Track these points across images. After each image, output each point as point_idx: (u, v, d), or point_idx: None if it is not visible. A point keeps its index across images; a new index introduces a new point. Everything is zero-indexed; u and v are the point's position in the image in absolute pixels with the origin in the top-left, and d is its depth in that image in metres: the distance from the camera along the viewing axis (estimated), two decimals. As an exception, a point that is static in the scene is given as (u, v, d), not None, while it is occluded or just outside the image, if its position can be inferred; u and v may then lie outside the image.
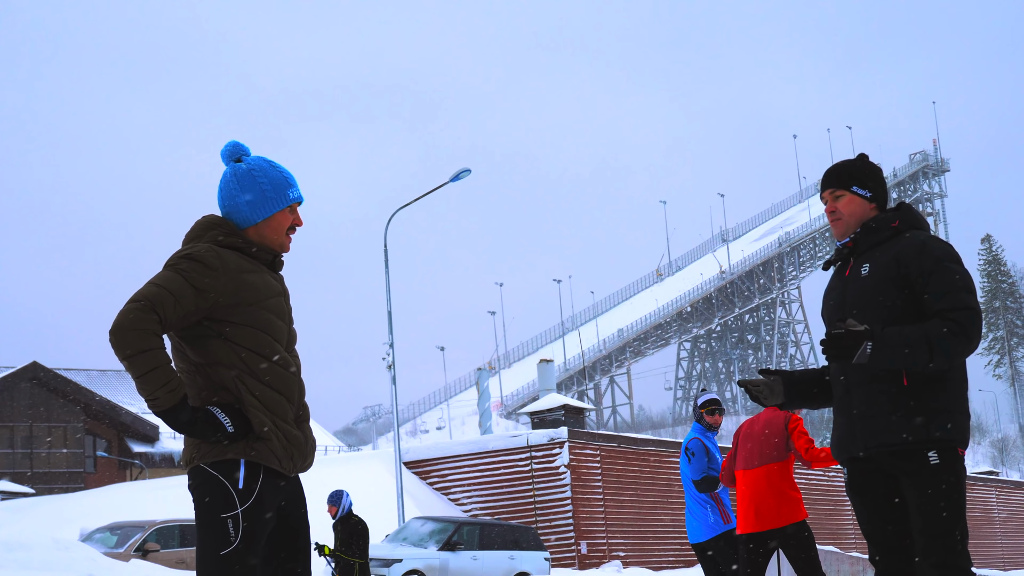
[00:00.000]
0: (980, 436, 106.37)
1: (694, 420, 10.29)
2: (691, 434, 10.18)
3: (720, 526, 9.84)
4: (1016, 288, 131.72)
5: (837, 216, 5.46)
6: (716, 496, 9.94)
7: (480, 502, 36.37)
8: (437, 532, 26.22)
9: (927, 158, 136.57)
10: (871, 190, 5.46)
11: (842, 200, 5.46)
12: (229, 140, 4.84)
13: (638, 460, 37.89)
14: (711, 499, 9.91)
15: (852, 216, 5.44)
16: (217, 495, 4.46)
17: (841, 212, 5.45)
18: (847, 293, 5.34)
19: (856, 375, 5.24)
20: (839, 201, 5.46)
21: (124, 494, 38.13)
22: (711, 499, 9.91)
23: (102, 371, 67.78)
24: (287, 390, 4.61)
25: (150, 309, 4.27)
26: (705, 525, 9.86)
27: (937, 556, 5.06)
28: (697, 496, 9.94)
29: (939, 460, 5.07)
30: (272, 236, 4.74)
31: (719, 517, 9.86)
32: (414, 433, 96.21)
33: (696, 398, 10.34)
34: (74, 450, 60.36)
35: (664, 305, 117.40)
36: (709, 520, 9.84)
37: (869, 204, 5.45)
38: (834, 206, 5.48)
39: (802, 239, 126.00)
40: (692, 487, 10.00)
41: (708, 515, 9.86)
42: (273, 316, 4.61)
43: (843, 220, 5.44)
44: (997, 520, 55.51)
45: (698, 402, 10.27)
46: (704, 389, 10.69)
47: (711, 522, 9.84)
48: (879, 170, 5.56)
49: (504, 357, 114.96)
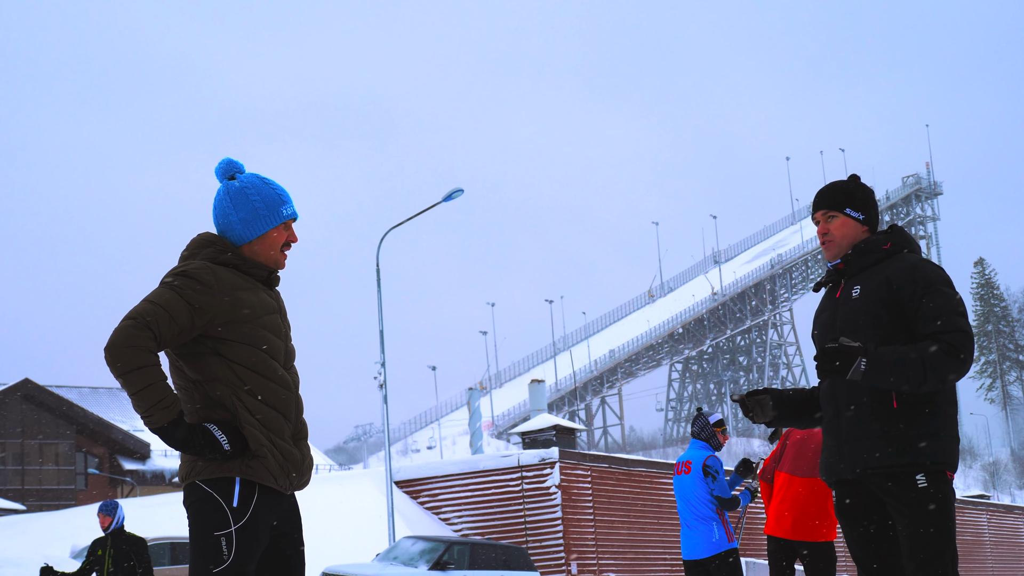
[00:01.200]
0: (971, 459, 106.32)
1: (701, 439, 10.26)
2: (702, 452, 10.16)
3: (724, 543, 9.85)
4: (1009, 312, 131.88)
5: (829, 238, 5.46)
6: (721, 513, 9.96)
7: (471, 522, 36.32)
8: (428, 551, 26.17)
9: (920, 181, 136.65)
10: (864, 212, 5.45)
11: (835, 222, 5.45)
12: (223, 158, 4.85)
13: (628, 481, 37.87)
14: (717, 516, 9.92)
15: (844, 238, 5.44)
16: (211, 512, 4.47)
17: (833, 234, 5.45)
18: (838, 315, 5.34)
19: (846, 397, 5.25)
20: (832, 223, 5.46)
21: (115, 511, 37.98)
22: (717, 516, 9.92)
23: (94, 388, 67.69)
24: (283, 407, 4.62)
25: (145, 326, 4.29)
26: (709, 542, 9.85)
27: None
28: (701, 513, 9.93)
29: (927, 483, 5.07)
30: (266, 253, 4.75)
31: (724, 535, 9.88)
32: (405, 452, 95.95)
33: (706, 416, 10.31)
34: (65, 467, 60.26)
35: (656, 326, 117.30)
36: (714, 537, 9.84)
37: (862, 227, 5.45)
38: (826, 227, 5.47)
39: (794, 261, 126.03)
40: (701, 504, 9.98)
41: (713, 532, 9.85)
42: (269, 333, 4.62)
43: (835, 242, 5.44)
44: (988, 544, 55.49)
45: (711, 420, 10.27)
46: (700, 409, 10.67)
47: (715, 539, 9.84)
48: (871, 192, 5.55)
49: (495, 377, 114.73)
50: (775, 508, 9.85)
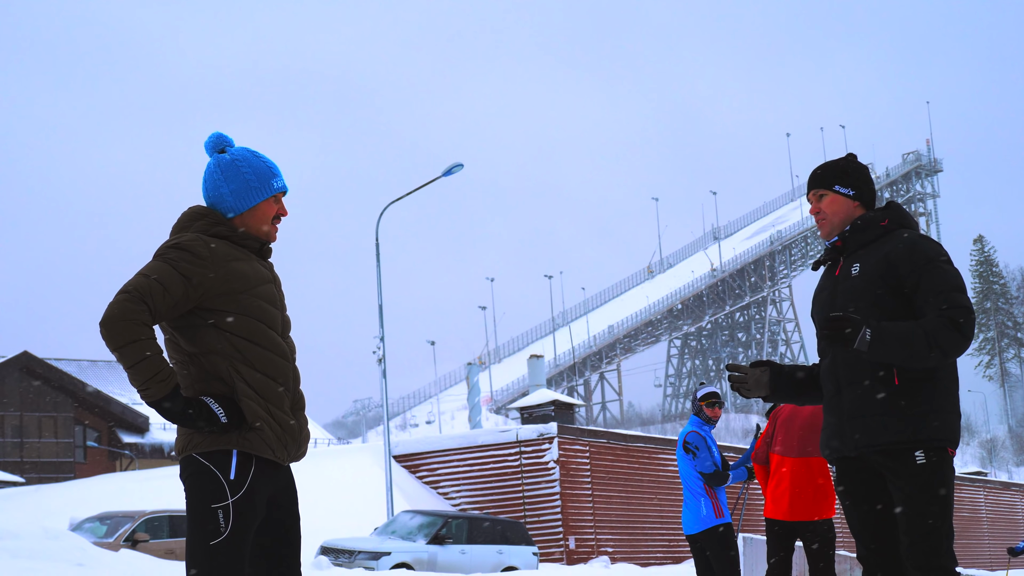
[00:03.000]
0: (969, 437, 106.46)
1: (692, 413, 10.27)
2: (688, 427, 10.16)
3: (711, 520, 9.85)
4: (1007, 289, 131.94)
5: (822, 216, 5.49)
6: (711, 490, 9.95)
7: (469, 496, 36.37)
8: (426, 526, 26.22)
9: (920, 158, 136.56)
10: (853, 188, 5.46)
11: (825, 200, 5.48)
12: (212, 132, 4.86)
13: (627, 456, 37.91)
14: (706, 492, 9.92)
15: (836, 215, 5.46)
16: (208, 485, 4.47)
17: (825, 212, 5.47)
18: (837, 292, 5.35)
19: (848, 374, 5.25)
20: (822, 201, 5.49)
21: (114, 484, 38.11)
22: (706, 492, 9.92)
23: (93, 361, 67.74)
24: (281, 376, 4.61)
25: (139, 300, 4.29)
26: (697, 518, 9.87)
27: (921, 556, 5.07)
28: (693, 488, 9.95)
29: (926, 460, 5.08)
30: (257, 225, 4.74)
31: (712, 511, 9.87)
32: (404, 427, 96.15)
33: (695, 391, 10.33)
34: (64, 440, 60.35)
35: (655, 302, 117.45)
36: (701, 513, 9.84)
37: (853, 203, 5.46)
38: (818, 206, 5.51)
39: (794, 238, 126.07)
40: (690, 480, 10.00)
41: (701, 508, 9.86)
42: (264, 303, 4.61)
43: (827, 220, 5.47)
44: (985, 521, 55.59)
45: (697, 395, 10.26)
46: (703, 383, 10.68)
47: (703, 515, 9.84)
48: (864, 169, 5.57)
49: (494, 352, 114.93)
50: (771, 491, 9.86)
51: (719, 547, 9.83)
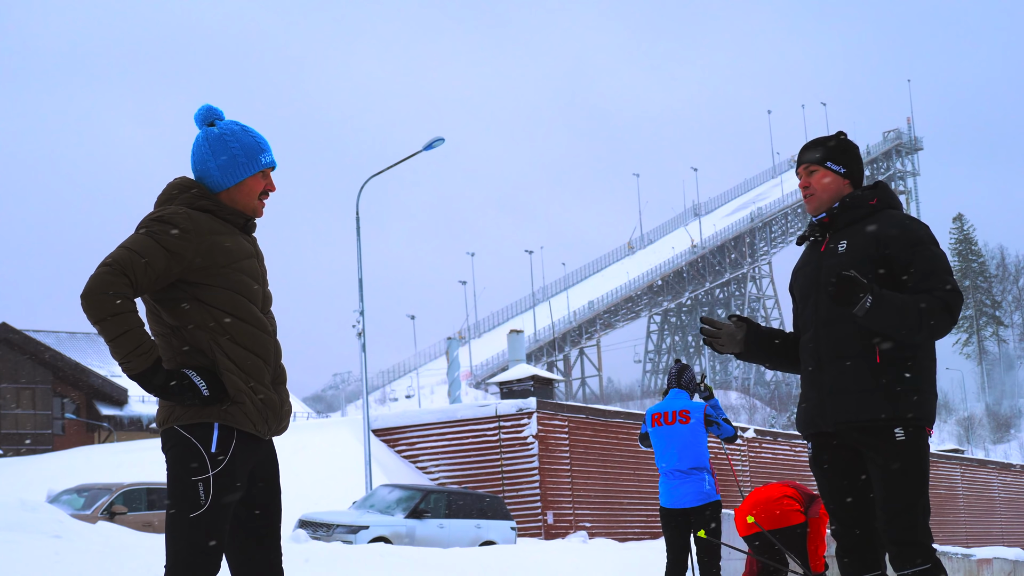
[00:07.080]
0: (946, 414, 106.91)
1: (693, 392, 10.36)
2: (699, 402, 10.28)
3: (713, 494, 10.01)
4: (986, 268, 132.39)
5: (811, 191, 5.49)
6: (712, 467, 10.11)
7: (448, 471, 36.43)
8: (404, 500, 26.26)
9: (900, 136, 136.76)
10: (845, 166, 5.48)
11: (815, 175, 5.48)
12: (203, 104, 4.81)
13: (606, 432, 38.00)
14: (709, 466, 10.06)
15: (825, 192, 5.46)
16: (189, 458, 4.47)
17: (814, 187, 5.48)
18: (822, 268, 5.37)
19: (829, 350, 5.28)
20: (812, 176, 5.49)
21: (92, 456, 38.10)
22: (709, 466, 10.06)
23: (71, 333, 67.49)
24: (263, 351, 4.61)
25: (120, 272, 4.27)
26: (700, 491, 9.99)
27: (897, 532, 5.13)
28: (696, 462, 10.05)
29: (904, 437, 5.13)
30: (244, 200, 4.72)
31: (713, 487, 10.03)
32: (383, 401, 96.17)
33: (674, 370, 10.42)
34: (43, 412, 60.19)
35: (635, 278, 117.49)
36: (705, 487, 9.99)
37: (843, 180, 5.47)
38: (808, 181, 5.50)
39: (774, 215, 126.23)
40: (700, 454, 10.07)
41: (705, 482, 10.01)
42: (247, 278, 4.60)
43: (816, 195, 5.47)
44: (961, 498, 55.94)
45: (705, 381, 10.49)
46: (679, 360, 10.74)
47: (706, 489, 10.00)
48: (855, 147, 5.58)
49: (474, 327, 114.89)
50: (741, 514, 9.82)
51: (718, 521, 9.98)
